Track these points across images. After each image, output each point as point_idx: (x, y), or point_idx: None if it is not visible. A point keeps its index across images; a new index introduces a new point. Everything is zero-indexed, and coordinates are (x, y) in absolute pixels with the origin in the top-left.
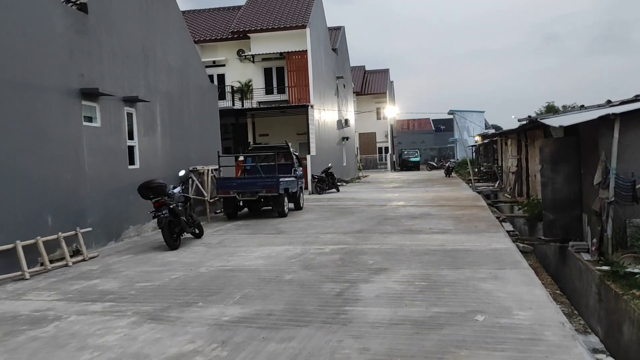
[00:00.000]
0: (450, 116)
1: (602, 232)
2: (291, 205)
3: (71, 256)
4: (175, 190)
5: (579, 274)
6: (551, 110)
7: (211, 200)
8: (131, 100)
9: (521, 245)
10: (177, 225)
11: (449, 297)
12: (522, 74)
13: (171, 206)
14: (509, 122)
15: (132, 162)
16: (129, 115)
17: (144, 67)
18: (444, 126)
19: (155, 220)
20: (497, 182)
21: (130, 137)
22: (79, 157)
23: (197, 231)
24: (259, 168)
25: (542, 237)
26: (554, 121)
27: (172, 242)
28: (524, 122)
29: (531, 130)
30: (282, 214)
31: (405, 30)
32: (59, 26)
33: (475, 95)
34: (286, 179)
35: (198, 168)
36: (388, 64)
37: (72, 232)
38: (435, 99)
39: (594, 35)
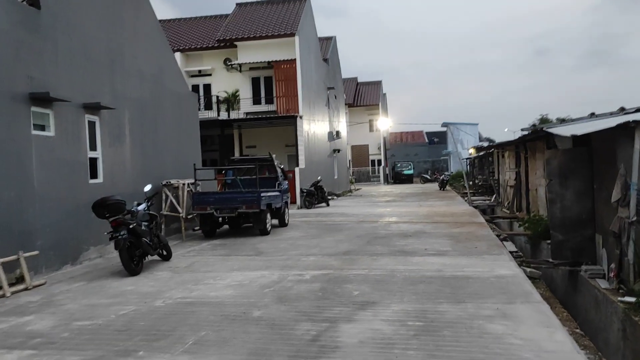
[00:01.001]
0: (444, 129)
1: (622, 256)
2: (275, 221)
3: (13, 284)
4: (140, 208)
5: (595, 304)
6: (545, 122)
7: (189, 217)
8: (93, 107)
9: (528, 270)
10: (139, 247)
11: (450, 344)
12: (514, 87)
13: (131, 226)
14: (503, 135)
15: (94, 176)
16: (91, 123)
17: (109, 71)
18: (438, 139)
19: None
20: (494, 196)
21: (93, 148)
22: (25, 170)
23: (164, 253)
24: (239, 182)
25: (550, 260)
26: (563, 130)
27: (132, 266)
28: (526, 133)
29: (532, 141)
30: (264, 232)
31: (397, 44)
32: (3, 22)
33: (468, 108)
34: (269, 194)
35: (172, 182)
36: (380, 77)
37: (15, 257)
38: (429, 112)
39: (584, 49)
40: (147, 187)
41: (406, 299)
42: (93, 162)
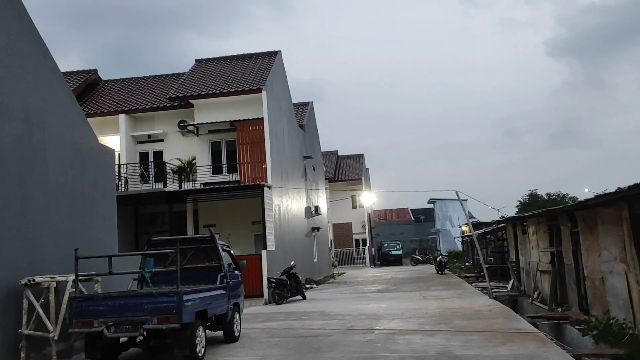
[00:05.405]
0: (430, 205)
1: None
2: (220, 333)
3: None
4: None
5: None
6: (535, 198)
7: (82, 335)
8: None
9: None
10: None
11: None
12: (489, 167)
13: None
14: (487, 212)
15: None
16: None
17: None
18: (424, 216)
19: None
20: (511, 282)
21: None
22: None
23: None
24: (145, 277)
25: None
26: None
27: None
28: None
29: (588, 209)
30: (193, 359)
31: (372, 127)
32: None
33: (448, 187)
34: (202, 295)
35: (37, 280)
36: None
37: None
38: (410, 191)
39: (552, 130)
40: None
41: None
42: None
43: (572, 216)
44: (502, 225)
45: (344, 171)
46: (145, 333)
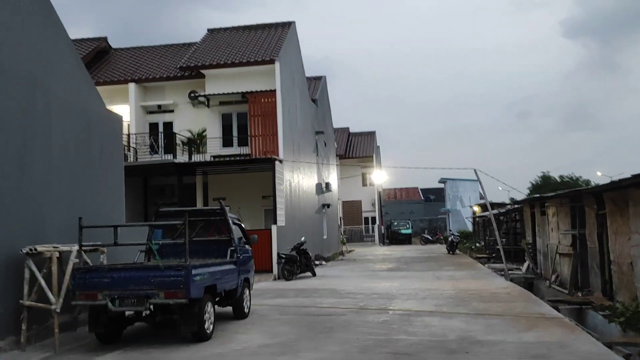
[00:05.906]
0: (441, 185)
1: None
2: (229, 309)
3: None
4: None
5: None
6: (547, 180)
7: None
8: None
9: None
10: None
11: None
12: (500, 149)
13: None
14: (497, 194)
15: None
16: None
17: None
18: (434, 196)
19: None
20: (526, 264)
21: None
22: None
23: None
24: (152, 249)
25: None
26: None
27: None
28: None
29: (618, 190)
30: (201, 336)
31: (383, 108)
32: None
33: (458, 169)
34: (212, 269)
35: (39, 249)
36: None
37: None
38: (421, 170)
39: (565, 113)
40: None
41: None
42: None
43: (598, 198)
44: (517, 206)
45: (355, 148)
46: (151, 308)
